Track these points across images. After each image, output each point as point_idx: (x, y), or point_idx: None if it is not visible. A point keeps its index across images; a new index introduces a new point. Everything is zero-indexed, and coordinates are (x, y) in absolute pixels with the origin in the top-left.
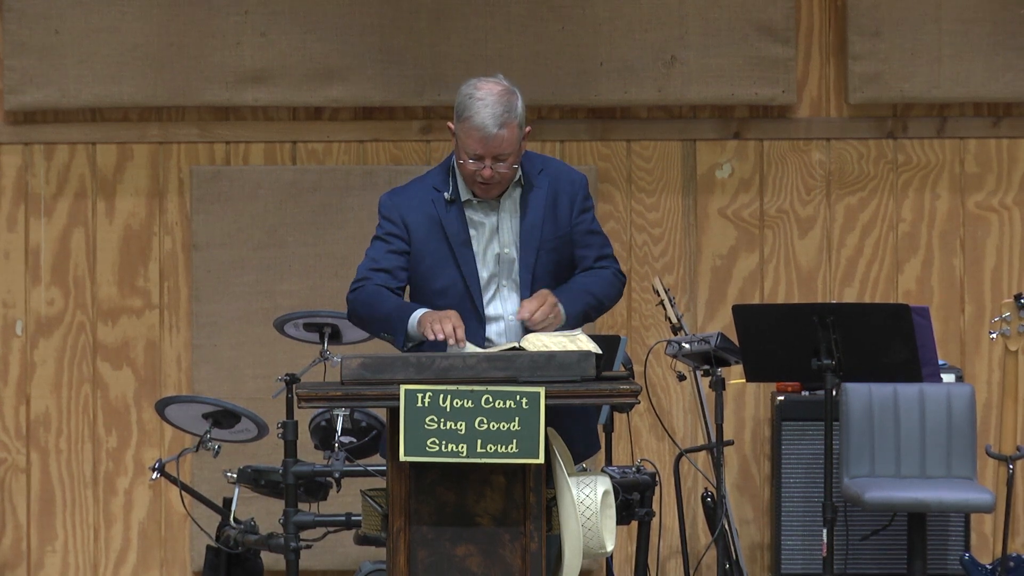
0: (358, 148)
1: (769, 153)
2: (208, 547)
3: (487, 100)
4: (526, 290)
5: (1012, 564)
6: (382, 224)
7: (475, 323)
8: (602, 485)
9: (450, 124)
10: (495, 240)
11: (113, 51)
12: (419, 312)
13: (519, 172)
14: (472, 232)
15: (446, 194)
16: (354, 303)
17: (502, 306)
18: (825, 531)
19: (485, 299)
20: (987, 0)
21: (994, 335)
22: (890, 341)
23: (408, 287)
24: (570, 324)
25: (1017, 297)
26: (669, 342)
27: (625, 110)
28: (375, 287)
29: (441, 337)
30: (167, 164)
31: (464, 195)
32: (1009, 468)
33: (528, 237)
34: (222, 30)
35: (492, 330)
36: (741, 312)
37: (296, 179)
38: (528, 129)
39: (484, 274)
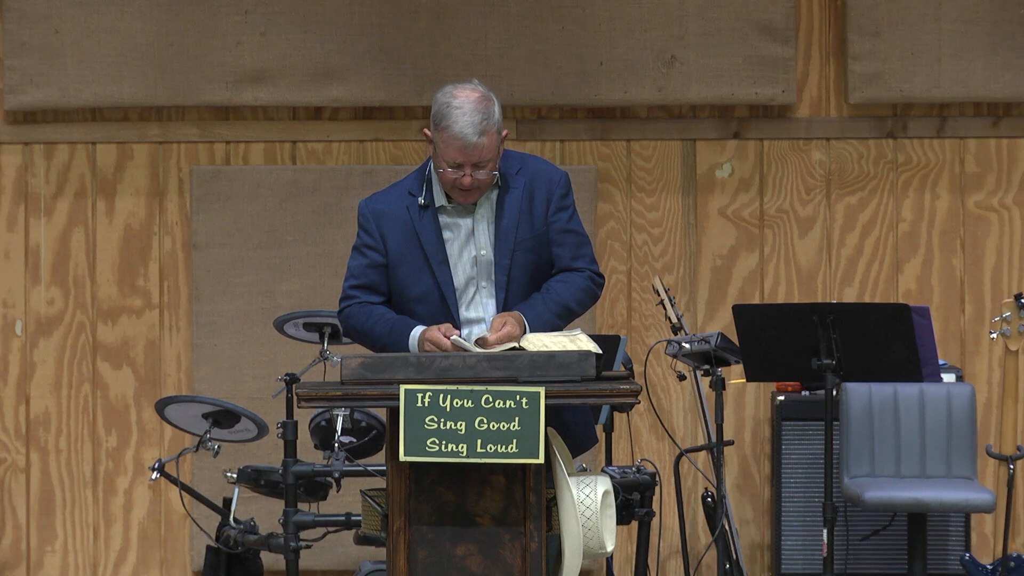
0: (358, 148)
1: (769, 153)
2: (208, 547)
3: (465, 108)
4: (501, 292)
5: (1012, 564)
6: (360, 235)
7: None
8: (602, 485)
9: (426, 131)
10: (471, 243)
11: (113, 51)
12: (414, 339)
13: (497, 175)
14: (448, 235)
15: (420, 199)
16: (346, 326)
17: (483, 308)
18: (825, 531)
19: (464, 302)
20: (987, 0)
21: (994, 335)
22: (890, 341)
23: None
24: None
25: (1017, 297)
26: (669, 342)
27: (625, 110)
28: (361, 307)
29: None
30: (167, 164)
31: (439, 200)
32: (1009, 468)
33: (503, 239)
34: (222, 30)
35: (473, 333)
36: (741, 312)
37: (296, 179)
38: (505, 133)
39: (462, 277)
